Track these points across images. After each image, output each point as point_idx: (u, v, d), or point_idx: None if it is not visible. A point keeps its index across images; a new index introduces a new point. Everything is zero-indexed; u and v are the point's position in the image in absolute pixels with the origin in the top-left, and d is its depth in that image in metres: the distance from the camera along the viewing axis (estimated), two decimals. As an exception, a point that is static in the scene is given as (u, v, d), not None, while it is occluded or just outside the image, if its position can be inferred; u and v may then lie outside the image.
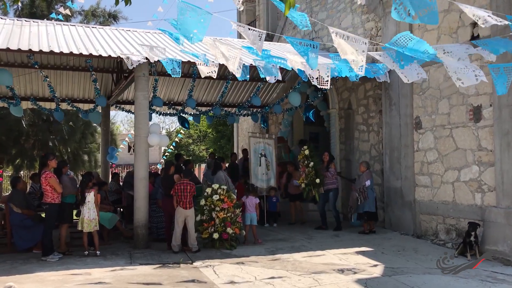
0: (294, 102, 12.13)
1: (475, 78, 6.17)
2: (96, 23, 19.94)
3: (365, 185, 10.13)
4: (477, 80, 6.20)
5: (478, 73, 6.15)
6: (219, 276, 6.93)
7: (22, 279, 6.59)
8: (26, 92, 13.19)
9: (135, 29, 12.34)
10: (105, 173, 15.68)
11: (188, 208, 8.49)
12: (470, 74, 6.17)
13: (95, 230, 8.43)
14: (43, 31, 10.09)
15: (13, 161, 20.08)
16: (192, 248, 8.51)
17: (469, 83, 6.29)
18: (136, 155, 9.33)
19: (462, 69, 6.19)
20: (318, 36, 13.67)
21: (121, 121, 54.23)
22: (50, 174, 8.19)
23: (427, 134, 9.79)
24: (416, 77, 7.03)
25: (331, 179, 10.78)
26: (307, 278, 6.80)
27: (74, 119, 19.18)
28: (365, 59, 6.05)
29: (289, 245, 9.17)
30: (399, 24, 10.43)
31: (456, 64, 6.21)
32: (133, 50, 9.27)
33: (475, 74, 6.16)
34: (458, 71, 6.21)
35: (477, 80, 6.21)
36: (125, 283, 6.54)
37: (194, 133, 34.15)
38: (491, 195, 8.36)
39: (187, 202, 8.48)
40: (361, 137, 12.00)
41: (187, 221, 8.53)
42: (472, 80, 6.21)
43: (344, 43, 5.94)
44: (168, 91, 14.26)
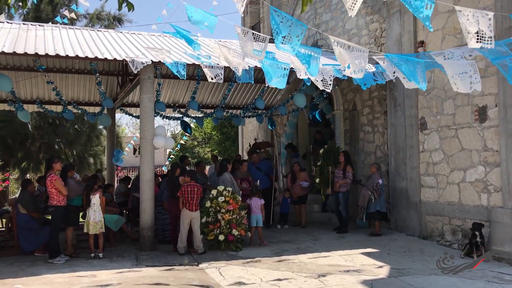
0: (300, 104, 12.14)
1: (469, 87, 6.27)
2: (101, 26, 20.03)
3: (379, 183, 10.10)
4: (470, 89, 6.31)
5: (474, 79, 6.21)
6: (225, 277, 6.95)
7: (29, 281, 6.64)
8: (32, 95, 13.28)
9: (140, 32, 12.41)
10: (111, 176, 15.76)
11: (194, 210, 8.51)
12: (466, 81, 6.26)
13: (101, 232, 8.47)
14: (48, 35, 10.16)
15: (19, 164, 20.19)
16: (198, 250, 8.53)
17: (463, 91, 6.40)
18: (141, 158, 9.37)
19: (460, 75, 6.26)
20: (323, 38, 13.68)
21: (127, 123, 54.49)
22: (56, 176, 8.24)
23: (432, 134, 9.77)
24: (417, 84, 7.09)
25: (346, 183, 10.64)
26: (313, 279, 6.80)
27: (79, 122, 19.28)
28: (363, 71, 6.11)
29: (295, 246, 9.17)
30: (403, 25, 10.42)
31: (456, 69, 6.26)
32: (138, 53, 9.32)
33: (470, 81, 6.24)
34: (455, 76, 6.28)
35: (470, 89, 6.32)
36: (131, 285, 6.57)
37: (199, 136, 34.20)
38: (497, 195, 8.33)
39: (194, 205, 8.50)
40: (366, 138, 11.98)
41: (192, 223, 8.55)
42: (466, 88, 6.33)
43: (345, 53, 5.96)
44: (173, 93, 14.31)
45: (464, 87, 6.30)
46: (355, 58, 5.99)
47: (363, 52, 6.01)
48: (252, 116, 14.74)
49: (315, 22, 14.01)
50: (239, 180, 10.85)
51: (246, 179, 11.11)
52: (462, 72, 6.28)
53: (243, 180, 11.04)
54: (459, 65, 6.32)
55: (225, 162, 10.80)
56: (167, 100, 14.19)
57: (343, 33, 12.62)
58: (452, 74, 6.32)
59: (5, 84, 9.72)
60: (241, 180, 10.93)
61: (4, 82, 9.69)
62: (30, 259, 8.31)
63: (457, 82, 6.28)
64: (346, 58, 6.01)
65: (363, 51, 6.01)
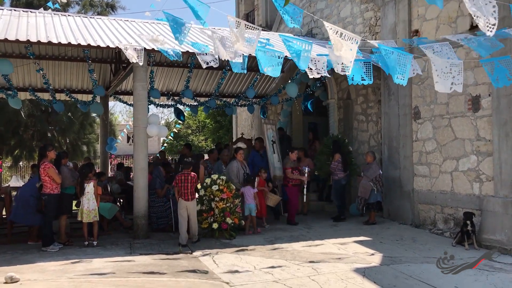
0: (291, 94, 12.10)
1: (449, 87, 6.31)
2: (94, 13, 19.84)
3: (380, 174, 10.13)
4: (450, 89, 6.35)
5: (457, 80, 6.25)
6: (219, 265, 6.98)
7: (23, 269, 6.63)
8: (25, 83, 13.15)
9: (133, 20, 12.30)
10: (104, 164, 15.72)
11: (190, 199, 8.51)
12: (448, 82, 6.29)
13: (95, 220, 8.47)
14: (40, 22, 10.04)
15: (12, 152, 20.11)
16: (193, 238, 8.54)
17: (442, 90, 6.43)
18: (135, 146, 9.35)
19: (444, 74, 6.28)
20: (317, 26, 13.63)
21: (120, 111, 54.25)
22: (49, 164, 8.21)
23: (425, 124, 9.81)
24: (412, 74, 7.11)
25: (335, 170, 10.70)
26: (306, 267, 6.85)
27: (72, 110, 19.17)
28: (353, 59, 6.09)
29: (288, 234, 9.22)
30: (398, 14, 10.39)
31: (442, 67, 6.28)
32: (132, 41, 9.25)
33: (452, 82, 6.28)
34: (440, 74, 6.30)
35: (450, 89, 6.36)
36: (125, 272, 6.59)
37: (193, 124, 34.14)
38: (489, 184, 8.40)
39: (189, 193, 8.49)
40: (360, 127, 12.01)
41: (189, 212, 8.51)
42: (446, 88, 6.37)
43: (338, 40, 5.95)
44: (166, 81, 14.23)
45: (444, 87, 6.33)
46: (348, 47, 5.97)
47: (355, 40, 5.99)
48: (244, 105, 14.71)
49: (309, 10, 13.94)
50: (290, 169, 10.47)
51: (296, 168, 10.63)
52: (446, 72, 6.30)
53: (294, 169, 10.55)
54: (446, 64, 6.32)
55: (235, 152, 10.24)
56: (161, 88, 14.11)
57: (338, 21, 12.57)
58: (436, 71, 6.34)
59: (6, 68, 9.70)
60: (292, 169, 10.49)
61: (4, 66, 9.67)
62: (24, 247, 8.30)
63: (439, 81, 6.31)
64: (340, 45, 5.99)
65: (355, 40, 5.98)
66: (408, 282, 6.17)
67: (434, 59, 6.40)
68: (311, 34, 13.84)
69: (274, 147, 11.55)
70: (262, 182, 10.00)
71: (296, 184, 10.53)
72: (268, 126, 11.84)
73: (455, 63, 6.29)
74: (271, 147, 11.50)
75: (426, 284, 6.09)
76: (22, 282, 6.03)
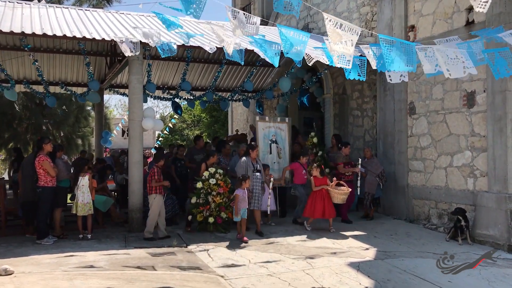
0: (284, 88, 12.04)
1: (463, 71, 6.28)
2: (89, 5, 19.72)
3: (383, 169, 10.13)
4: (464, 72, 6.32)
5: (468, 64, 6.22)
6: (214, 259, 6.99)
7: (17, 262, 6.61)
8: (19, 75, 13.07)
9: (129, 12, 12.22)
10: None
11: (148, 193, 8.44)
12: (459, 66, 6.25)
13: (90, 214, 8.46)
14: (35, 14, 9.96)
15: (6, 145, 20.01)
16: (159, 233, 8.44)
17: (457, 75, 6.42)
18: (130, 139, 9.31)
19: (452, 60, 6.26)
20: (314, 21, 13.61)
21: (115, 105, 54.03)
22: (44, 157, 8.17)
23: (420, 119, 9.83)
24: (398, 80, 7.09)
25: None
26: (301, 261, 6.87)
27: (67, 103, 19.09)
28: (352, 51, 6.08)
29: (283, 229, 9.23)
30: (394, 9, 10.39)
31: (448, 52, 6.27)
32: (127, 34, 9.19)
33: (464, 66, 6.25)
34: (448, 62, 6.29)
35: (464, 73, 6.34)
36: (119, 266, 6.58)
37: (188, 118, 34.07)
38: (483, 180, 8.44)
39: (148, 188, 8.46)
40: (355, 122, 12.03)
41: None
42: (459, 73, 6.34)
43: (336, 32, 5.94)
44: (162, 75, 14.18)
45: (457, 72, 6.30)
46: (347, 38, 5.96)
47: (355, 32, 5.97)
48: (240, 100, 14.67)
49: (306, 5, 13.89)
50: (342, 164, 10.01)
51: (349, 163, 10.10)
52: (453, 58, 6.29)
53: (346, 164, 10.05)
54: (451, 51, 6.33)
55: (249, 147, 9.52)
56: (157, 81, 14.06)
57: (334, 16, 12.51)
58: (443, 58, 6.32)
59: None
60: (344, 164, 10.02)
61: None
62: (18, 240, 8.27)
63: (450, 68, 6.28)
64: (339, 37, 5.98)
65: (355, 31, 5.97)
66: (401, 276, 6.20)
67: (438, 52, 6.36)
68: (307, 29, 13.81)
69: (271, 147, 10.69)
70: (320, 180, 9.08)
71: (349, 180, 9.88)
72: (269, 124, 10.87)
73: (460, 51, 6.28)
74: (267, 146, 10.63)
75: (419, 278, 6.13)
76: (16, 275, 6.01)
